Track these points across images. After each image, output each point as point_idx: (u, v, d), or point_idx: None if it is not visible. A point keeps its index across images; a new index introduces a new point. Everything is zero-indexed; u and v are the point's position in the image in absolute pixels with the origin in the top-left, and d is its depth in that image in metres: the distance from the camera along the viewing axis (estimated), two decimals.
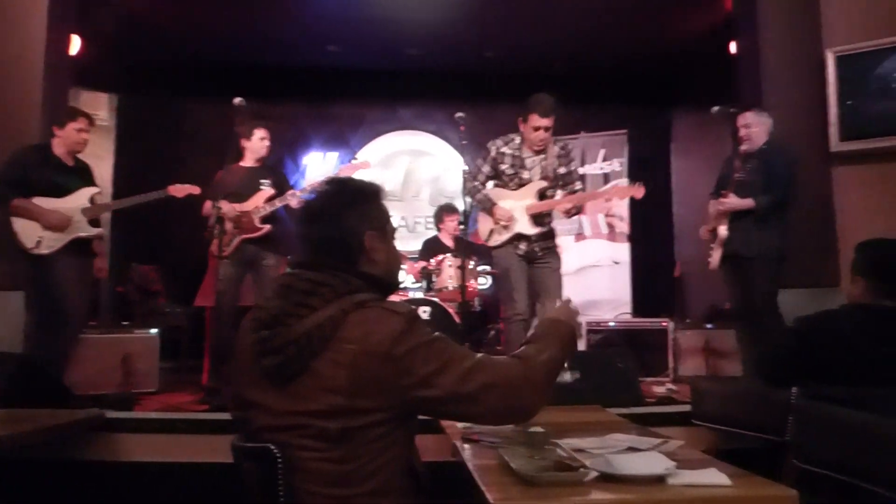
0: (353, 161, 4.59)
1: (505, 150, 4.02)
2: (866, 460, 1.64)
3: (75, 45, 4.74)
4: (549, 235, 4.09)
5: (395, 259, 1.60)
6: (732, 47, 5.16)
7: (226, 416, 3.28)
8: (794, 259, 3.91)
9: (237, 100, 3.95)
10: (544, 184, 3.98)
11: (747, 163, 3.84)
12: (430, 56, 6.86)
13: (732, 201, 3.85)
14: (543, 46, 6.61)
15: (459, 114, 4.01)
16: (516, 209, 3.95)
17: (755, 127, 3.96)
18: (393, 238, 1.58)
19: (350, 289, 1.40)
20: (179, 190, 4.15)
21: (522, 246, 3.96)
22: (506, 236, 3.96)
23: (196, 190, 4.21)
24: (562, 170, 4.03)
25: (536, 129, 3.88)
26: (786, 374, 2.29)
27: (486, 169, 4.06)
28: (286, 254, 4.53)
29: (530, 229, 3.94)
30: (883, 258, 2.25)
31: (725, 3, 5.36)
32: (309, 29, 6.16)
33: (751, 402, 2.46)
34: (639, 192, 3.95)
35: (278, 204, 4.24)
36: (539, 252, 3.98)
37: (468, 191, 4.07)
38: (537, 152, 3.99)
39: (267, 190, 4.30)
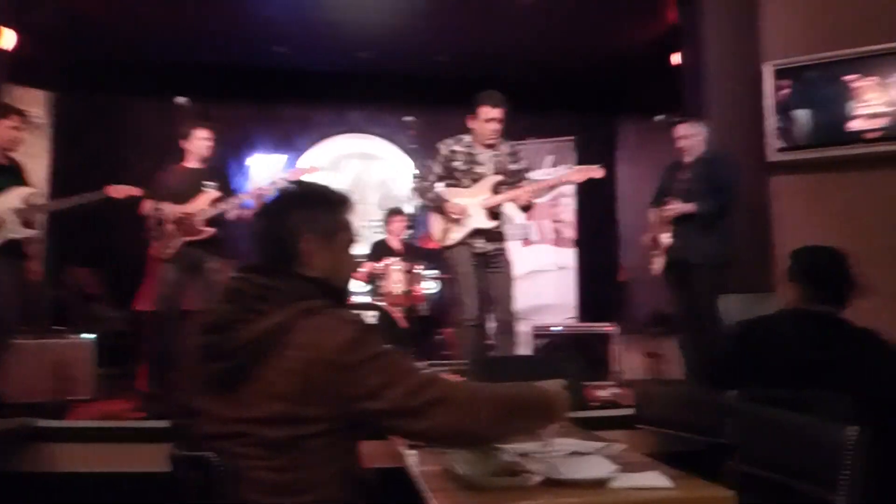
0: (302, 164, 4.49)
1: (456, 147, 4.03)
2: (800, 460, 1.69)
3: (10, 39, 4.56)
4: (502, 238, 4.10)
5: (342, 267, 1.56)
6: (676, 58, 5.30)
7: (165, 423, 3.20)
8: (733, 265, 4.03)
9: (180, 99, 3.86)
10: (499, 177, 3.99)
11: (688, 172, 3.94)
12: (381, 59, 6.83)
13: (676, 207, 3.94)
14: (493, 52, 6.65)
15: (409, 118, 4.01)
16: (471, 205, 3.94)
17: (691, 138, 4.09)
18: (345, 248, 1.54)
19: (301, 294, 1.37)
20: (119, 191, 4.03)
21: (479, 243, 3.94)
22: (461, 233, 3.93)
23: (136, 191, 4.09)
24: (513, 166, 4.05)
25: (488, 120, 3.90)
26: (726, 377, 2.35)
27: (438, 168, 4.04)
28: (231, 257, 4.44)
29: (487, 223, 3.94)
30: (816, 265, 2.32)
31: (670, 14, 5.51)
32: (256, 29, 6.06)
33: (691, 404, 2.52)
34: (599, 172, 3.94)
35: (223, 206, 4.15)
36: (493, 252, 3.97)
37: (419, 191, 4.05)
38: (489, 147, 4.00)
39: (210, 192, 4.21)
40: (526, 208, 4.08)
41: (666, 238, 4.00)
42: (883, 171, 4.29)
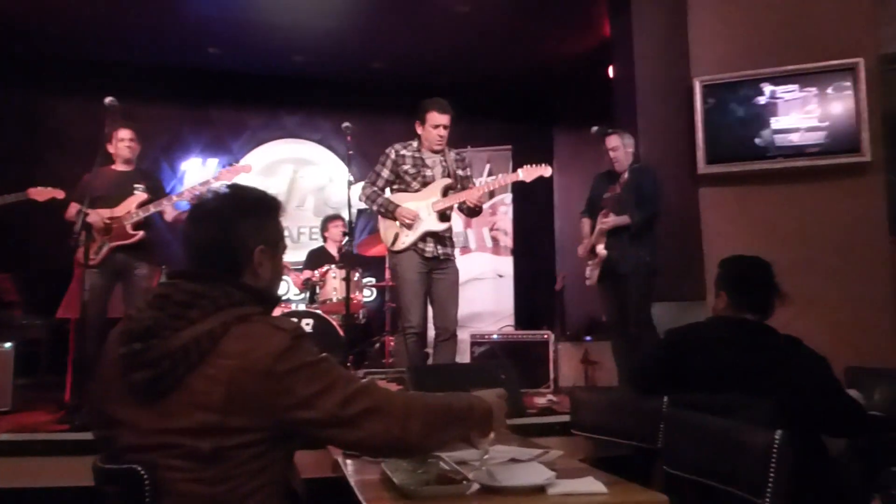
0: (234, 164, 4.38)
1: (404, 152, 4.03)
2: (728, 464, 1.75)
3: None
4: (452, 243, 4.11)
5: (280, 275, 1.56)
6: (610, 71, 5.44)
7: (89, 436, 3.07)
8: (665, 274, 4.17)
9: (108, 99, 3.71)
10: (449, 180, 4.01)
11: (618, 183, 4.03)
12: (317, 64, 6.78)
13: (611, 220, 4.04)
14: (430, 60, 6.70)
15: (346, 124, 3.97)
16: (422, 208, 3.94)
17: (620, 149, 4.21)
18: (282, 256, 1.54)
19: (232, 301, 1.34)
20: (41, 193, 3.86)
21: (429, 247, 3.93)
22: (412, 237, 3.91)
23: (59, 194, 3.93)
24: (461, 172, 4.09)
25: (436, 126, 3.93)
26: (654, 383, 2.41)
27: (386, 173, 4.03)
28: (160, 263, 4.30)
29: (438, 225, 3.95)
30: (742, 274, 2.40)
31: (604, 29, 5.65)
32: (190, 29, 5.93)
33: (625, 411, 2.56)
34: (547, 170, 4.01)
35: (152, 210, 4.03)
36: (442, 256, 3.98)
37: (367, 197, 4.01)
38: (436, 152, 4.03)
39: (139, 195, 4.08)
40: (474, 212, 4.10)
41: (602, 249, 4.11)
42: (800, 185, 4.51)
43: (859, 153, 4.36)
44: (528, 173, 4.00)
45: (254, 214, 1.47)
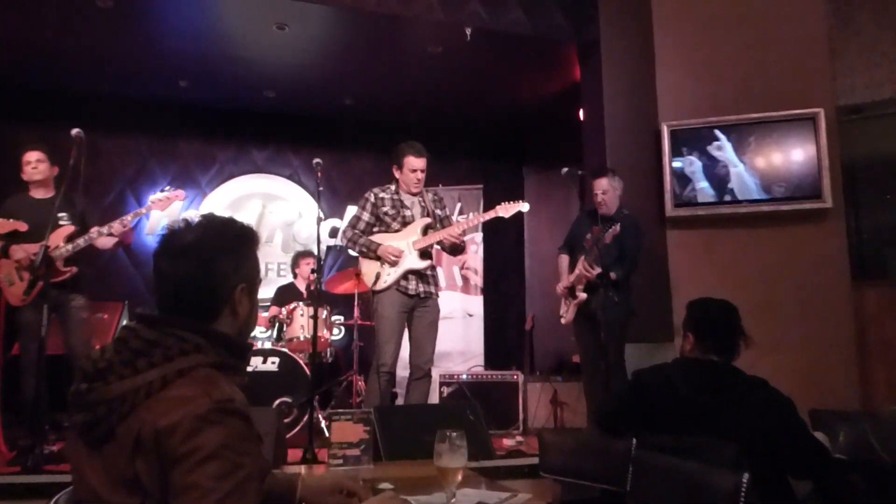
0: (165, 191, 4.17)
1: (383, 195, 4.14)
2: None
3: None
4: (435, 280, 4.18)
5: (256, 314, 1.48)
6: (581, 114, 5.56)
7: (42, 478, 2.99)
8: (635, 315, 4.22)
9: (75, 131, 3.67)
10: (428, 220, 4.11)
11: (606, 227, 3.95)
12: (288, 99, 6.83)
13: (597, 271, 4.02)
14: (402, 98, 6.78)
15: (317, 160, 4.01)
16: (403, 247, 4.03)
17: (610, 192, 4.26)
18: (257, 293, 1.46)
19: (184, 350, 1.27)
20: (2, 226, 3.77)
21: (412, 285, 4.00)
22: (395, 275, 3.98)
23: (21, 226, 3.83)
24: (439, 212, 4.20)
25: (413, 170, 4.06)
26: (621, 424, 2.43)
27: (367, 216, 4.12)
28: (95, 293, 4.16)
29: (419, 263, 4.03)
30: (708, 316, 2.44)
31: (574, 72, 5.80)
32: (159, 61, 5.94)
33: (593, 453, 2.57)
34: (524, 206, 4.12)
35: (82, 243, 3.83)
36: (424, 294, 4.04)
37: (349, 239, 4.11)
38: (414, 194, 4.14)
39: (66, 226, 3.87)
40: (456, 249, 4.16)
41: (582, 293, 4.15)
42: (764, 229, 4.65)
43: (821, 199, 4.51)
44: (506, 209, 4.10)
45: (234, 250, 1.39)
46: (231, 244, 1.39)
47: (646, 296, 4.43)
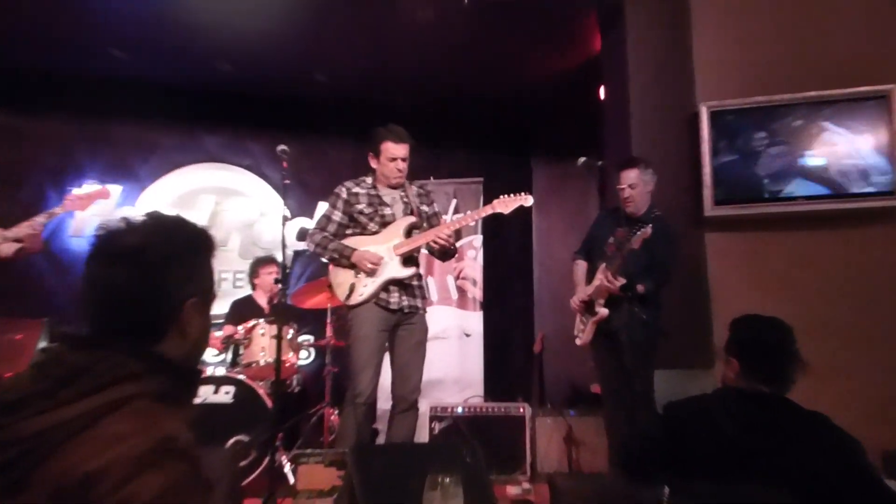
0: (85, 187, 4.20)
1: (357, 189, 4.13)
2: None
3: None
4: (421, 292, 4.17)
5: (208, 333, 1.48)
6: (601, 92, 5.56)
7: None
8: (667, 336, 4.19)
9: None
10: (412, 219, 4.10)
11: (633, 229, 3.93)
12: (248, 74, 6.81)
13: (620, 282, 3.99)
14: (386, 74, 6.78)
15: (282, 147, 3.99)
16: (382, 252, 4.01)
17: (639, 187, 4.23)
18: (211, 307, 1.46)
19: (118, 377, 1.25)
20: None
21: (394, 298, 4.00)
22: (374, 287, 3.97)
23: None
24: (425, 208, 4.18)
25: (393, 159, 4.05)
26: (651, 469, 2.42)
27: (338, 216, 4.12)
28: (8, 310, 4.14)
29: (402, 272, 4.02)
30: (757, 337, 2.43)
31: (593, 44, 5.80)
32: (88, 26, 5.88)
33: (616, 503, 2.57)
34: (526, 199, 4.06)
35: None
36: (408, 308, 4.04)
37: (317, 244, 4.09)
38: (394, 188, 4.13)
39: None
40: (446, 253, 4.16)
41: (603, 309, 4.13)
42: (824, 232, 4.64)
43: (894, 196, 4.50)
44: (505, 204, 4.06)
45: (186, 256, 1.39)
46: (182, 250, 1.39)
47: (680, 312, 4.43)
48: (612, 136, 5.19)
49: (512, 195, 4.07)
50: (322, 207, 6.50)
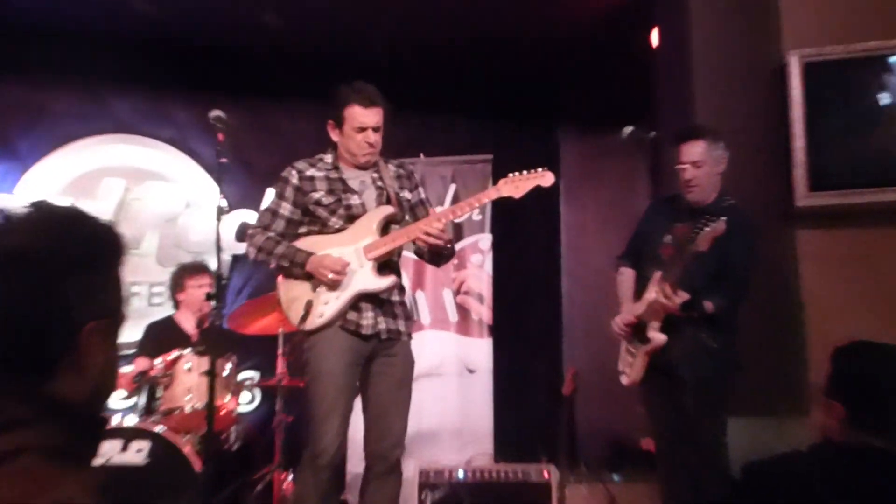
0: None
1: (313, 172, 4.08)
2: None
3: None
4: (403, 311, 4.14)
5: (115, 367, 1.51)
6: (652, 39, 5.57)
7: None
8: (744, 372, 4.18)
9: None
10: (389, 209, 4.05)
11: (699, 224, 3.90)
12: (169, 17, 6.81)
13: (683, 297, 3.96)
14: (361, 21, 6.77)
15: (216, 113, 3.99)
16: (349, 256, 3.94)
17: (706, 166, 4.20)
18: (119, 333, 1.48)
19: (1, 423, 1.27)
20: None
21: (367, 320, 3.94)
22: (338, 304, 3.91)
23: None
24: (407, 194, 4.16)
25: (362, 129, 3.99)
26: None
27: (287, 209, 4.06)
28: None
29: (376, 282, 3.96)
30: (866, 373, 2.44)
31: None
32: None
33: None
34: (545, 178, 3.99)
35: None
36: (386, 335, 3.98)
37: (259, 248, 4.01)
38: (364, 168, 4.09)
39: None
40: (440, 255, 4.14)
41: (659, 335, 4.11)
42: None
43: None
44: (515, 185, 4.00)
45: (85, 264, 1.40)
46: (79, 255, 1.39)
47: (762, 339, 4.43)
48: (668, 99, 5.20)
49: (525, 172, 4.00)
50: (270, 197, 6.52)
